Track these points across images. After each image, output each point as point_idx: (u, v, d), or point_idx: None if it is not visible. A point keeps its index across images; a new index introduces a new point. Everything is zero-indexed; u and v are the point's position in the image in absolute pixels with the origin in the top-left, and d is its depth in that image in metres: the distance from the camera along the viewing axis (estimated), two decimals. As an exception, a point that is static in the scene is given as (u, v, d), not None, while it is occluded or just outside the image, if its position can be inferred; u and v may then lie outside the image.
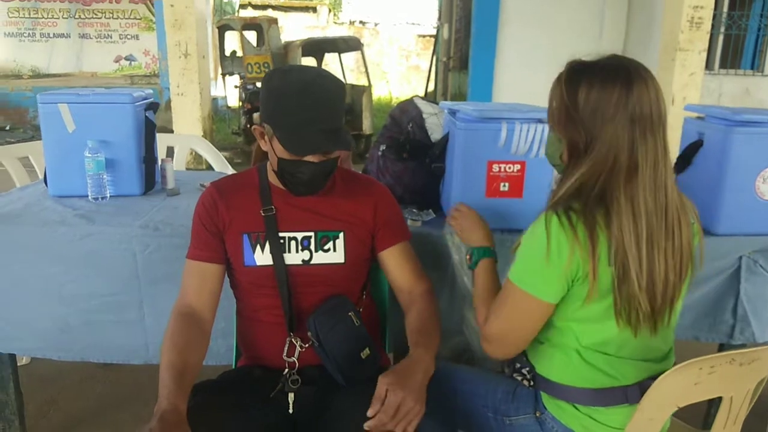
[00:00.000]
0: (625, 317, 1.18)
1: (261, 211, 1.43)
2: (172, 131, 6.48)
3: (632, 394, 1.23)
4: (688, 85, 6.45)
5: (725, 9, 8.34)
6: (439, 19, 12.07)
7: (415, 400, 1.19)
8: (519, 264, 1.23)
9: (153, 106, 2.15)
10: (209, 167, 3.12)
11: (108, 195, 2.04)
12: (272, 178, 1.46)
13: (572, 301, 1.21)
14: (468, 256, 1.48)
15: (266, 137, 1.37)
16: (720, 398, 1.20)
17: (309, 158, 1.33)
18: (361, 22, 17.48)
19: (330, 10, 17.79)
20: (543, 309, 1.22)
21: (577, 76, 1.18)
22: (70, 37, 13.22)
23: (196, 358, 1.33)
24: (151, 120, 2.13)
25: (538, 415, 1.33)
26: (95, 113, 2.01)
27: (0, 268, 1.81)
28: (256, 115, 7.21)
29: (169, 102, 6.80)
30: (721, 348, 1.99)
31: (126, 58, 13.35)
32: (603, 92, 1.14)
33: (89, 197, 2.01)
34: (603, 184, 1.15)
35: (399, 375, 1.23)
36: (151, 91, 2.26)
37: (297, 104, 1.29)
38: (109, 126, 2.02)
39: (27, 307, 1.84)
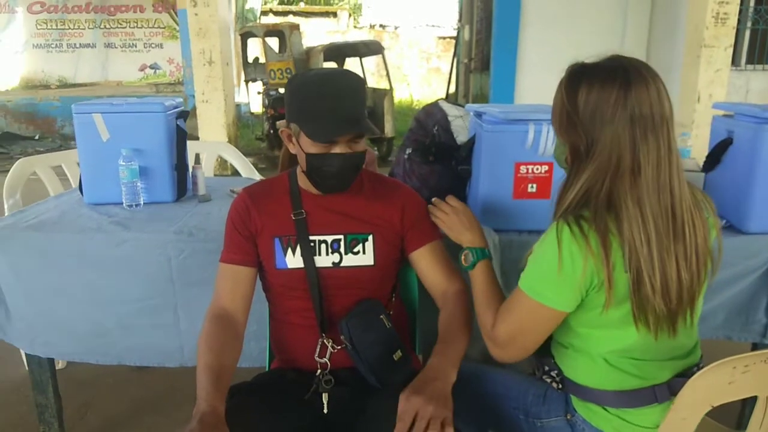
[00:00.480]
0: (644, 321, 1.17)
1: (291, 215, 1.46)
2: (197, 138, 6.56)
3: (661, 393, 1.23)
4: (714, 82, 6.35)
5: (752, 3, 8.18)
6: (460, 20, 12.05)
7: (435, 404, 1.15)
8: (530, 273, 1.22)
9: (183, 115, 2.20)
10: (234, 173, 3.15)
11: (142, 202, 2.09)
12: (302, 183, 1.49)
13: (590, 309, 1.20)
14: (463, 256, 1.45)
15: (293, 138, 1.41)
16: (755, 397, 1.19)
17: (336, 150, 1.36)
18: (381, 25, 17.52)
19: (350, 15, 17.88)
20: (554, 317, 1.21)
21: (577, 79, 1.18)
22: (95, 47, 13.50)
23: (231, 360, 1.36)
24: (182, 128, 2.18)
25: (568, 417, 1.33)
26: (128, 122, 2.07)
27: (39, 274, 1.86)
28: (280, 122, 7.24)
29: (194, 109, 6.89)
30: (755, 348, 1.96)
31: (150, 67, 13.59)
32: (602, 93, 1.13)
33: (124, 204, 2.06)
34: (609, 187, 1.15)
35: (414, 386, 1.21)
36: (181, 100, 2.30)
37: (319, 95, 1.34)
38: (142, 135, 2.07)
39: (65, 312, 1.89)
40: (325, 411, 1.40)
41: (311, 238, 1.45)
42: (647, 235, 1.12)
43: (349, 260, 1.46)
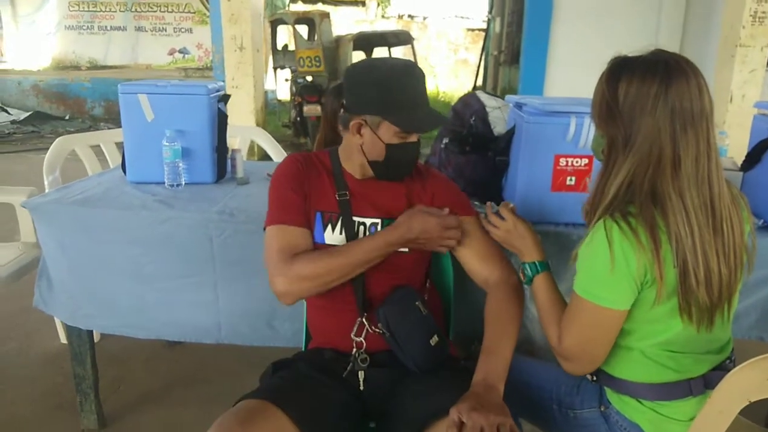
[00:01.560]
0: (688, 313, 1.18)
1: (336, 195, 1.48)
2: (225, 123, 6.61)
3: (696, 386, 1.24)
4: (748, 83, 6.23)
5: (790, 3, 8.02)
6: (490, 12, 11.95)
7: (494, 414, 1.15)
8: (583, 276, 1.21)
9: (225, 98, 2.24)
10: (261, 158, 3.17)
11: (183, 182, 2.13)
12: (348, 166, 1.51)
13: (641, 305, 1.20)
14: (521, 273, 1.44)
15: (368, 128, 1.41)
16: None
17: (412, 139, 1.42)
18: (409, 15, 17.42)
19: (378, 4, 17.79)
20: (617, 317, 1.20)
21: (618, 71, 1.19)
22: (126, 30, 13.63)
23: None
24: (223, 111, 2.22)
25: (602, 409, 1.34)
26: (172, 104, 2.11)
27: (83, 248, 1.92)
28: (306, 108, 7.28)
29: (223, 94, 6.94)
30: (787, 349, 1.95)
31: (180, 51, 13.70)
32: (642, 86, 1.14)
33: (165, 184, 2.10)
34: (652, 179, 1.15)
35: (469, 403, 1.17)
36: (223, 83, 2.34)
37: (406, 86, 1.39)
38: (186, 116, 2.11)
39: (108, 286, 1.94)
40: (361, 388, 1.43)
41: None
42: (690, 227, 1.13)
43: None
